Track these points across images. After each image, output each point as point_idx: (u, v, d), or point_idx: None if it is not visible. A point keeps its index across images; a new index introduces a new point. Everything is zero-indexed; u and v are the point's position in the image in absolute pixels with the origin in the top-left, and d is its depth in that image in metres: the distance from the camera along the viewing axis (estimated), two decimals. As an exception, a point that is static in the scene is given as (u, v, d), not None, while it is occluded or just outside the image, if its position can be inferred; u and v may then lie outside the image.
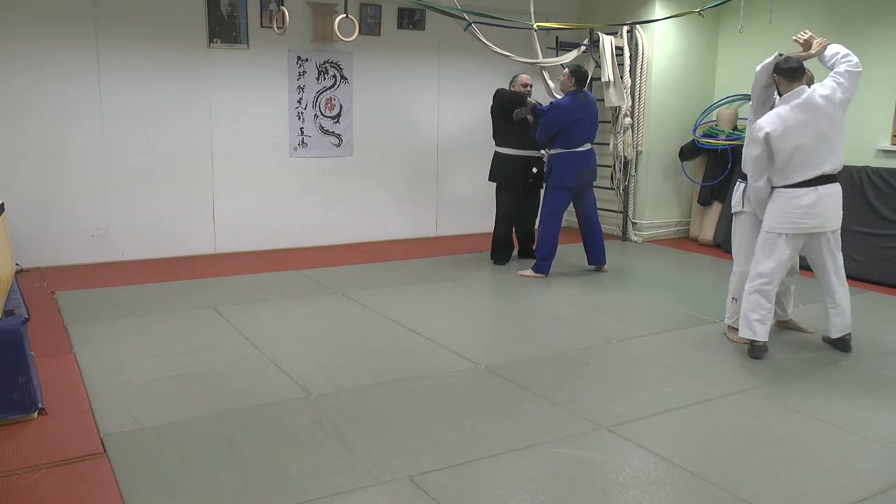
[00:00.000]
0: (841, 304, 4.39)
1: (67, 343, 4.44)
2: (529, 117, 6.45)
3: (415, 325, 4.86)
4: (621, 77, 7.49)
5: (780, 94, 4.29)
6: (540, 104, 6.41)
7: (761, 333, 4.29)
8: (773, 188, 4.26)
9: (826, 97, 4.15)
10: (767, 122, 4.17)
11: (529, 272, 6.31)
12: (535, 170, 6.63)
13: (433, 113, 7.93)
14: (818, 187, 4.16)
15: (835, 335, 4.46)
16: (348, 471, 2.96)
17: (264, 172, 7.12)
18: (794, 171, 4.16)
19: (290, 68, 7.08)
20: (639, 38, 7.63)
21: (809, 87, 4.22)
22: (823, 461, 3.14)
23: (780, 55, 4.25)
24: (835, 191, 4.23)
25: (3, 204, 4.19)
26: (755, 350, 4.34)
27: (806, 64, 4.31)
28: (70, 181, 6.34)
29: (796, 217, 4.17)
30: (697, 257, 7.30)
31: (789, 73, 4.19)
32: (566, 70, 6.26)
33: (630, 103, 7.66)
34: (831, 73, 4.24)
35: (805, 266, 4.71)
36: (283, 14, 5.74)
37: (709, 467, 3.05)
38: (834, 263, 4.35)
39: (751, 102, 4.50)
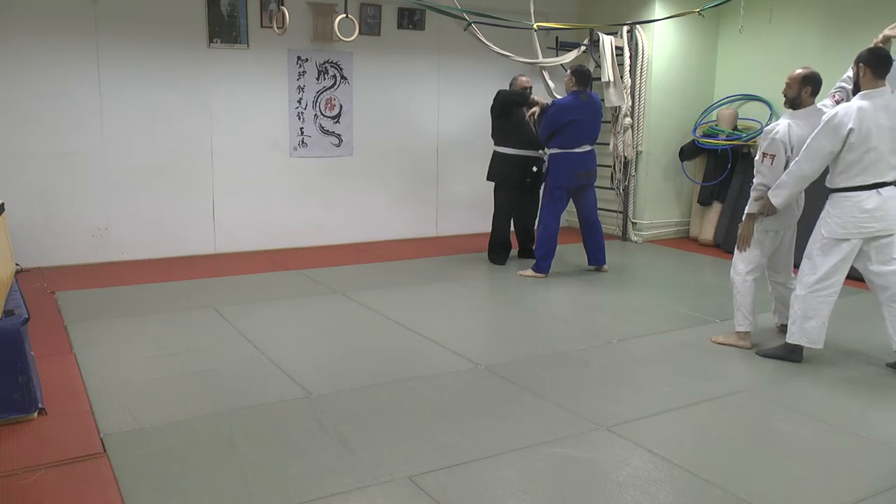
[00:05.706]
0: None
1: (67, 343, 4.44)
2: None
3: (415, 325, 4.86)
4: (621, 77, 7.49)
5: (858, 87, 3.98)
6: (548, 103, 6.43)
7: (821, 340, 4.13)
8: (832, 191, 4.03)
9: None
10: (851, 118, 3.85)
11: (529, 272, 6.30)
12: (534, 169, 6.64)
13: (433, 113, 7.93)
14: (880, 190, 3.95)
15: None
16: (348, 471, 2.96)
17: (264, 172, 7.12)
18: (859, 174, 3.93)
19: (290, 68, 7.08)
20: (639, 38, 7.63)
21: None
22: (823, 461, 3.14)
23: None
24: (894, 193, 3.99)
25: (3, 204, 4.19)
26: (800, 354, 4.23)
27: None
28: (70, 181, 6.34)
29: (862, 221, 3.95)
30: (697, 257, 7.30)
31: (880, 66, 3.89)
32: (569, 70, 6.27)
33: (630, 103, 7.65)
34: None
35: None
36: (283, 14, 5.74)
37: (709, 467, 3.05)
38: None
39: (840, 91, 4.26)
